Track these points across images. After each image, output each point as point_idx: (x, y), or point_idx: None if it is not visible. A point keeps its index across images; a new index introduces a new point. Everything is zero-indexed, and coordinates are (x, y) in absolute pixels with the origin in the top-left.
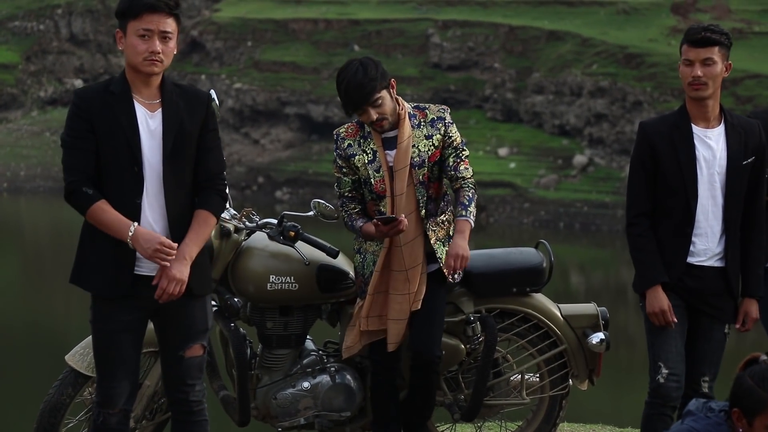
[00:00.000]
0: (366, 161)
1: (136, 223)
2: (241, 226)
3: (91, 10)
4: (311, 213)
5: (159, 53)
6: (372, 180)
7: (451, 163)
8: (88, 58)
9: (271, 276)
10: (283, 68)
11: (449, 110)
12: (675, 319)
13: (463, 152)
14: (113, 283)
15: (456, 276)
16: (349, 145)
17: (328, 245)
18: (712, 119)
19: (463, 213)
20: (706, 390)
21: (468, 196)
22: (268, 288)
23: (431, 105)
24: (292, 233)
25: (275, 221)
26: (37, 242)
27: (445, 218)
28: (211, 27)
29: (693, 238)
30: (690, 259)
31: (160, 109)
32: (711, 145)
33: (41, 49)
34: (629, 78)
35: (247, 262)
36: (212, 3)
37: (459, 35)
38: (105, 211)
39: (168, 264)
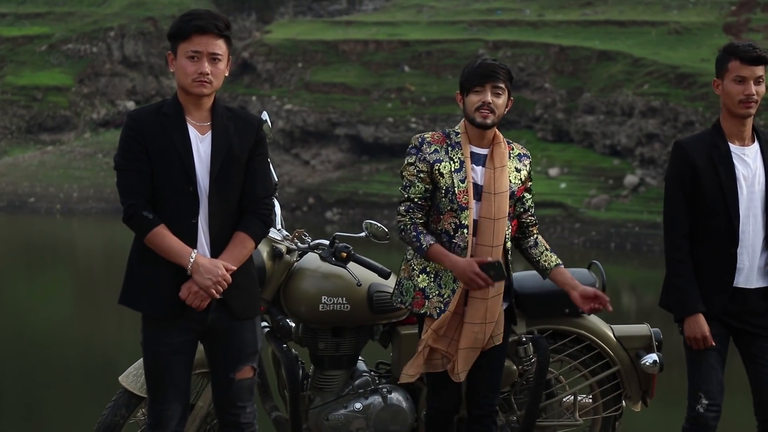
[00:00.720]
0: (452, 169)
1: (196, 251)
2: (293, 247)
3: (143, 32)
4: (363, 234)
5: (208, 74)
6: (456, 189)
7: (527, 202)
8: (140, 80)
9: (323, 297)
10: (334, 89)
11: None
12: (714, 343)
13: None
14: (163, 304)
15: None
16: (436, 150)
17: (380, 266)
18: (746, 137)
19: (560, 261)
20: None
21: (545, 239)
22: (320, 309)
23: (513, 141)
24: (344, 254)
25: (327, 242)
26: (90, 263)
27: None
28: (261, 49)
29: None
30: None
31: (209, 132)
32: (749, 163)
33: (94, 72)
34: (681, 98)
35: (299, 283)
36: (263, 25)
37: (509, 56)
38: (165, 236)
39: (218, 296)
